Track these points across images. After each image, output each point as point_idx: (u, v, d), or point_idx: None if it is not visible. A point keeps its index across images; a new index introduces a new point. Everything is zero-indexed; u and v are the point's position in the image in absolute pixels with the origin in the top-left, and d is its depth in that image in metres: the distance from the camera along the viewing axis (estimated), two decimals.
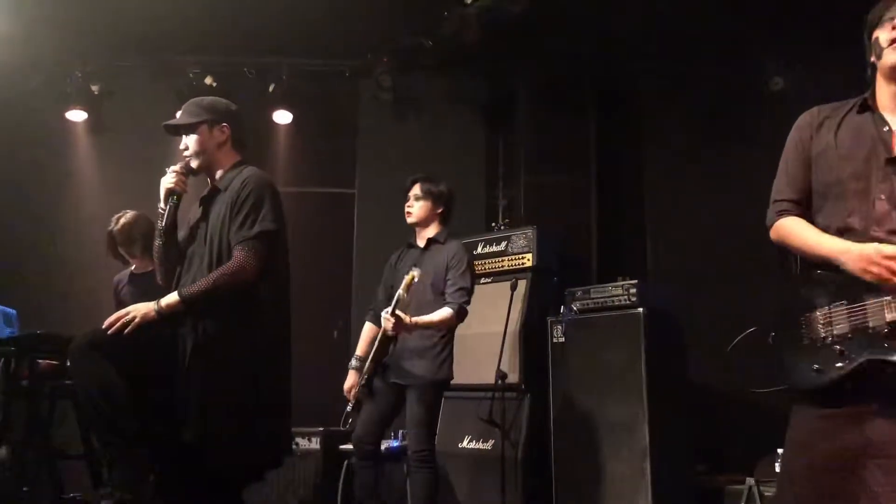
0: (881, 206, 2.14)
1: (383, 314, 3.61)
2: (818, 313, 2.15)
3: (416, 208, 4.00)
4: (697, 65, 5.31)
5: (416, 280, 3.59)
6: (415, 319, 3.63)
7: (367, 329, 4.08)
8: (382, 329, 3.65)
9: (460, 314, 3.80)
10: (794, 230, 2.31)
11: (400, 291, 3.57)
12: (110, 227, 4.22)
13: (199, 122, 2.94)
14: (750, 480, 4.12)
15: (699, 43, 5.22)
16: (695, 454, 4.48)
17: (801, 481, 2.14)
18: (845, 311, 2.11)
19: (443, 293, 3.84)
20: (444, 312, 3.73)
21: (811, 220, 2.30)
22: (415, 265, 3.84)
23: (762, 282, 4.67)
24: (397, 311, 3.55)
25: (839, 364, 2.08)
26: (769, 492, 4.07)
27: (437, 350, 3.83)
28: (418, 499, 3.86)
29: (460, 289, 3.82)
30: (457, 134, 5.97)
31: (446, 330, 3.84)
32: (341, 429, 4.50)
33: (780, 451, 4.15)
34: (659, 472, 4.09)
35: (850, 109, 2.28)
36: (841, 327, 2.10)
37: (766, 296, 4.65)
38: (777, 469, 4.16)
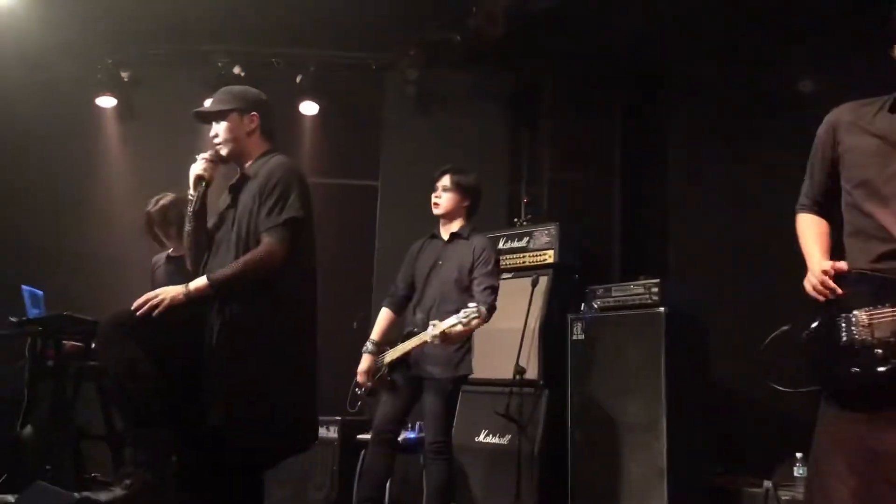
0: None
1: (431, 331, 3.56)
2: (860, 314, 2.13)
3: (444, 199, 3.97)
4: (725, 64, 5.27)
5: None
6: (456, 331, 3.56)
7: (385, 315, 4.08)
8: (422, 335, 3.65)
9: (490, 313, 3.76)
10: (800, 230, 2.40)
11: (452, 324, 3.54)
12: (149, 208, 4.21)
13: (229, 110, 2.97)
14: (767, 483, 4.10)
15: (727, 42, 5.19)
16: (713, 456, 4.46)
17: (833, 482, 2.13)
18: (889, 314, 2.08)
19: (467, 288, 3.83)
20: (479, 319, 3.62)
21: (842, 217, 2.32)
22: (439, 260, 3.90)
23: (787, 283, 4.67)
24: (446, 330, 3.53)
25: (882, 368, 2.06)
26: (787, 496, 4.05)
27: (457, 345, 3.83)
28: (433, 490, 3.89)
29: (488, 287, 3.80)
30: (481, 129, 5.97)
31: None
32: (355, 415, 4.55)
33: (798, 455, 4.14)
34: (676, 472, 4.08)
35: (882, 108, 2.27)
36: (883, 330, 2.07)
37: (790, 297, 4.63)
38: (796, 473, 4.14)
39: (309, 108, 5.90)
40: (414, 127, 5.98)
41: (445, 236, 4.03)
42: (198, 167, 2.95)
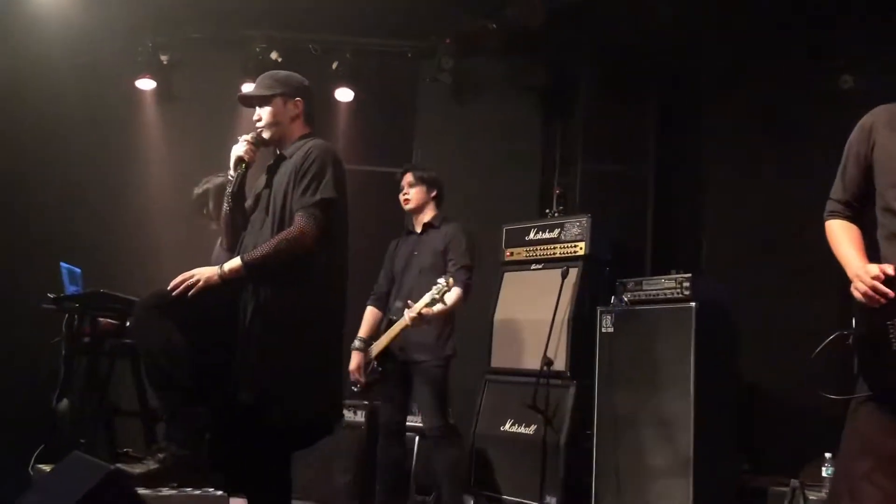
0: None
1: (408, 313, 3.72)
2: None
3: (412, 194, 4.20)
4: (763, 58, 5.21)
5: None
6: (433, 311, 3.72)
7: (370, 312, 4.21)
8: (401, 321, 3.78)
9: (466, 292, 3.91)
10: (834, 235, 2.34)
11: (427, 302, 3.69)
12: (206, 187, 4.05)
13: (273, 95, 3.00)
14: (794, 482, 4.06)
15: (766, 36, 5.12)
16: (739, 453, 4.44)
17: (864, 486, 2.11)
18: None
19: (443, 272, 3.93)
20: (454, 296, 3.80)
21: (872, 219, 2.29)
22: (415, 251, 4.09)
23: (819, 283, 4.62)
24: (420, 311, 3.68)
25: None
26: (814, 495, 4.02)
27: (438, 329, 3.94)
28: (445, 474, 3.93)
29: (462, 267, 3.96)
30: (515, 118, 5.96)
31: None
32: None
33: (827, 455, 4.10)
34: (701, 468, 4.06)
35: None
36: None
37: (823, 298, 4.58)
38: (824, 473, 4.10)
39: (344, 94, 5.93)
40: (448, 116, 5.98)
41: (419, 229, 4.21)
42: (239, 149, 2.98)
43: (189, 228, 4.41)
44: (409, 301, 3.78)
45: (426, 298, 3.70)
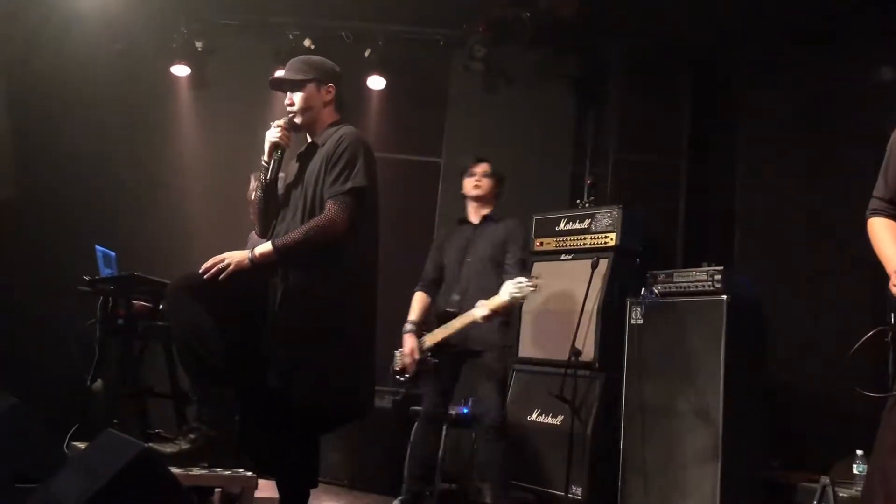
0: None
1: (481, 309, 3.77)
2: None
3: (484, 184, 4.27)
4: (800, 47, 5.12)
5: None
6: (501, 305, 3.77)
7: (420, 298, 4.29)
8: (467, 315, 3.84)
9: None
10: (876, 233, 2.30)
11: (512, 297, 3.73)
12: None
13: (306, 80, 3.01)
14: (825, 479, 4.01)
15: (803, 25, 5.03)
16: (769, 448, 4.39)
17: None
18: None
19: (500, 265, 4.03)
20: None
21: None
22: (472, 242, 4.16)
23: (852, 279, 4.54)
24: (497, 307, 3.74)
25: None
26: (844, 493, 3.97)
27: (498, 321, 3.96)
28: (495, 466, 3.94)
29: (519, 260, 4.07)
30: (546, 108, 5.93)
31: None
32: (410, 388, 4.63)
33: (859, 452, 4.04)
34: (730, 463, 4.02)
35: None
36: None
37: (857, 293, 4.51)
38: (855, 471, 4.05)
39: (376, 82, 5.93)
40: (479, 104, 5.97)
41: (476, 220, 4.26)
42: (273, 134, 3.00)
43: (222, 212, 4.46)
44: (471, 299, 3.87)
45: (505, 296, 3.73)
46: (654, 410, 4.33)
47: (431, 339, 4.06)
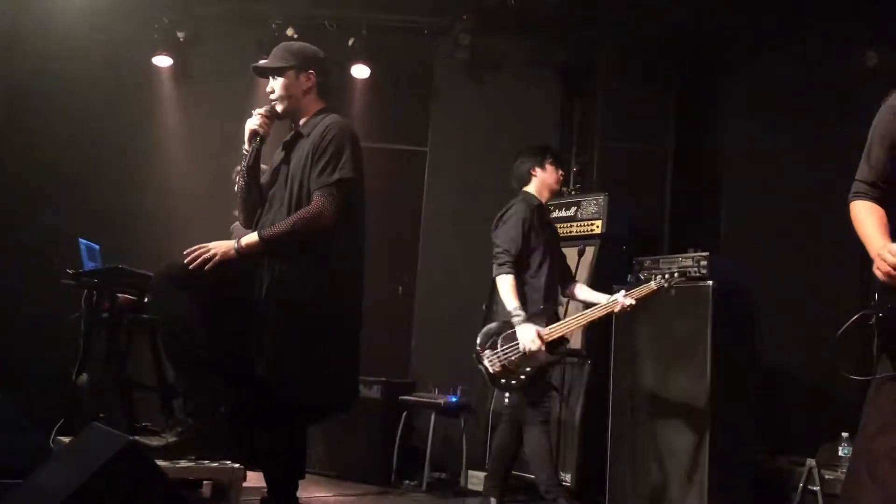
0: None
1: (625, 299, 3.77)
2: None
3: None
4: (786, 34, 5.13)
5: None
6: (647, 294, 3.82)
7: (515, 282, 3.78)
8: (604, 306, 3.84)
9: None
10: (858, 217, 2.30)
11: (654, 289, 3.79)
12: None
13: (286, 67, 2.99)
14: (811, 462, 4.06)
15: (788, 11, 5.03)
16: (756, 433, 4.42)
17: (885, 465, 2.09)
18: None
19: None
20: None
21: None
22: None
23: (838, 263, 4.57)
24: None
25: None
26: (830, 475, 4.01)
27: None
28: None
29: None
30: (532, 97, 5.92)
31: None
32: (400, 377, 4.60)
33: (845, 434, 4.08)
34: (718, 448, 4.05)
35: None
36: None
37: (842, 277, 4.54)
38: (841, 453, 4.09)
39: (360, 71, 5.90)
40: (465, 93, 5.95)
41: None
42: (253, 122, 2.98)
43: (207, 203, 4.42)
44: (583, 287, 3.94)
45: (653, 285, 3.76)
46: (642, 396, 4.35)
47: (556, 331, 3.77)
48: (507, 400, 3.98)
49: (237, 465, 2.95)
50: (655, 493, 4.21)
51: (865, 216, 2.29)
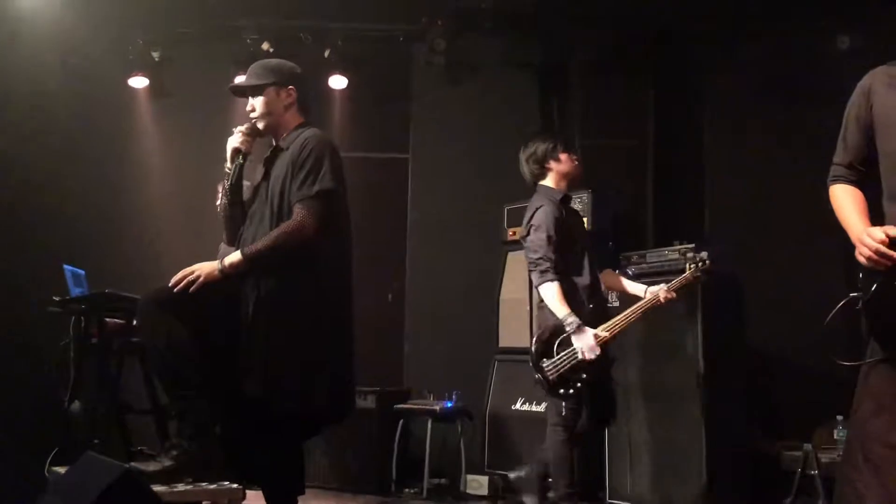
0: None
1: (665, 291, 3.66)
2: None
3: None
4: (759, 23, 5.16)
5: None
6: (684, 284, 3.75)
7: (560, 288, 3.60)
8: (646, 301, 3.71)
9: None
10: (838, 201, 2.32)
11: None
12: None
13: (265, 85, 2.98)
14: (807, 446, 4.08)
15: (760, 2, 5.07)
16: (751, 419, 4.45)
17: (876, 443, 2.10)
18: None
19: None
20: None
21: (877, 182, 2.26)
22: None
23: (824, 247, 4.60)
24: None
25: None
26: (827, 458, 4.03)
27: None
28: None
29: None
30: (511, 97, 5.92)
31: None
32: (393, 385, 4.57)
33: (839, 417, 4.10)
34: (713, 436, 4.08)
35: None
36: None
37: (825, 262, 4.56)
38: (836, 436, 4.11)
39: (338, 82, 5.89)
40: (443, 97, 5.95)
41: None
42: (235, 140, 2.98)
43: (191, 223, 4.40)
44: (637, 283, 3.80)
45: (688, 276, 3.70)
46: (636, 390, 4.36)
47: (610, 329, 3.62)
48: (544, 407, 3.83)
49: (235, 486, 2.92)
50: (654, 485, 4.22)
51: (844, 200, 2.31)
